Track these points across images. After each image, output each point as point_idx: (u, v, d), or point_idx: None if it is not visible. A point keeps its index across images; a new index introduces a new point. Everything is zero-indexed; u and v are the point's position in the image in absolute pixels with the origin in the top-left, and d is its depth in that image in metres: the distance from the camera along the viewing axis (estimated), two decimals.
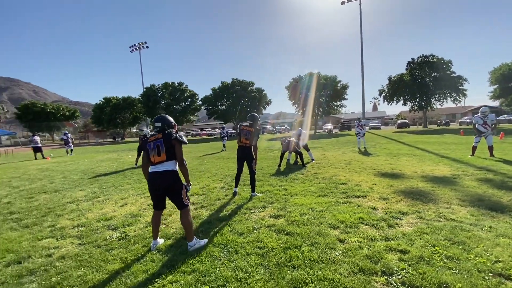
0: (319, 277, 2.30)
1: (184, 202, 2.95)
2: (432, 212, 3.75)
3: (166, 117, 3.08)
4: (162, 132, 2.96)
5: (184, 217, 2.95)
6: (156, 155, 2.89)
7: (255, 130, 5.02)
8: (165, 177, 2.86)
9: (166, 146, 2.88)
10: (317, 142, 19.21)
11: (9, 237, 3.54)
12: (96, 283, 2.40)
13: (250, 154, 5.02)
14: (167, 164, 2.89)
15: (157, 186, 2.88)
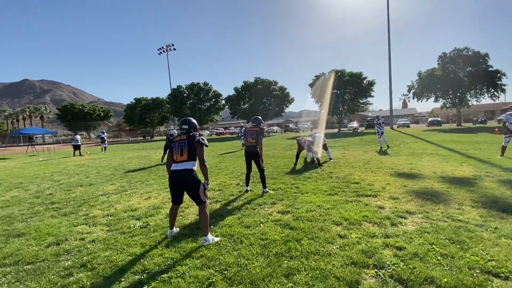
0: (312, 267, 2.49)
1: (201, 198, 3.20)
2: (440, 213, 3.73)
3: (192, 120, 3.40)
4: (187, 134, 3.27)
5: (201, 212, 3.20)
6: (179, 155, 3.21)
7: (259, 130, 5.33)
8: (183, 175, 3.16)
9: (189, 147, 3.18)
10: (339, 140, 18.90)
11: (50, 223, 4.13)
12: (119, 262, 2.80)
13: (256, 152, 5.28)
14: (187, 163, 3.18)
15: (175, 183, 3.21)
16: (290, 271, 2.44)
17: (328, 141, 17.61)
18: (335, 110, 37.60)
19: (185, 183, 3.20)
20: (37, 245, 3.37)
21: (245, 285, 2.26)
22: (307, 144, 8.41)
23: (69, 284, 2.45)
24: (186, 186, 3.23)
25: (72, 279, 2.54)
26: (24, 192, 6.55)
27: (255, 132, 5.36)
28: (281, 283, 2.27)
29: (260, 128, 5.41)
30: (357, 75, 34.10)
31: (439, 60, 32.90)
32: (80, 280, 2.49)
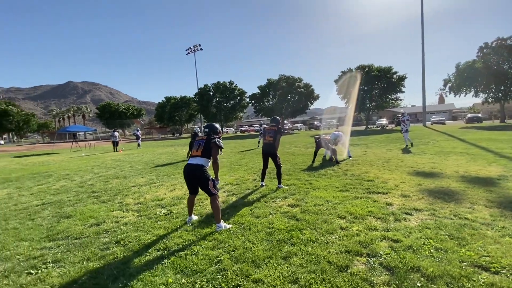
0: (309, 252, 2.76)
1: (211, 191, 3.56)
2: (448, 211, 3.76)
3: (214, 126, 3.92)
4: (208, 135, 3.76)
5: (212, 203, 3.59)
6: (195, 150, 3.69)
7: (278, 129, 5.61)
8: (194, 171, 3.57)
9: (205, 145, 3.64)
10: (364, 138, 18.45)
11: (91, 208, 4.84)
12: (146, 241, 3.31)
13: (273, 150, 5.56)
14: (199, 159, 3.61)
15: (187, 176, 3.64)
16: (289, 254, 2.75)
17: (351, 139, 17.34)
18: (362, 106, 36.39)
19: (195, 177, 3.60)
20: (82, 225, 4.03)
21: (247, 264, 2.61)
22: (324, 142, 8.51)
23: (107, 255, 3.00)
24: (196, 181, 3.62)
25: (109, 251, 3.09)
26: (70, 182, 7.53)
27: (273, 131, 5.66)
28: (279, 264, 2.59)
29: (278, 128, 5.69)
30: (386, 70, 32.65)
31: (479, 52, 30.25)
32: (115, 253, 3.03)
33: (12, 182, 8.04)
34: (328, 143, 8.53)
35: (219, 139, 3.72)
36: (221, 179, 6.84)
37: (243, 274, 2.43)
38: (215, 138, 3.69)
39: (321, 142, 8.59)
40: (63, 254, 3.10)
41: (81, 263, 2.86)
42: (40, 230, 3.87)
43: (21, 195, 6.20)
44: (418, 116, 47.84)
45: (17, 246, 3.38)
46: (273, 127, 5.75)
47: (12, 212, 4.85)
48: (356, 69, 35.40)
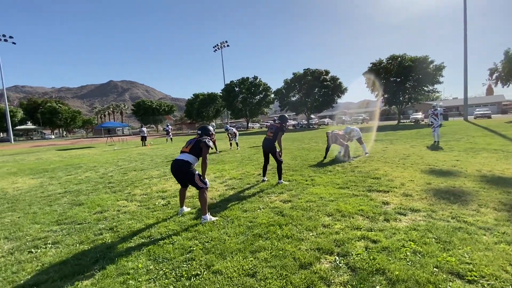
0: (279, 247, 2.75)
1: (199, 185, 3.71)
2: (448, 212, 3.45)
3: (206, 128, 4.14)
4: (200, 135, 4.00)
5: (200, 196, 3.73)
6: (185, 147, 3.91)
7: (280, 126, 5.56)
8: (179, 164, 3.74)
9: (195, 144, 3.85)
10: (391, 134, 17.40)
11: (102, 198, 5.28)
12: (135, 229, 3.54)
13: (272, 146, 5.53)
14: (187, 155, 3.79)
15: (174, 170, 3.80)
16: (258, 248, 2.77)
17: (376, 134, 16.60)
18: (394, 100, 34.15)
19: (181, 173, 3.75)
20: (88, 212, 4.43)
21: (215, 255, 2.69)
22: (335, 138, 8.22)
23: (97, 239, 3.28)
24: (183, 176, 3.77)
25: (101, 236, 3.37)
26: (95, 174, 8.25)
27: (275, 127, 5.63)
28: (244, 257, 2.62)
29: (281, 125, 5.64)
30: (422, 60, 30.13)
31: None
32: (105, 238, 3.30)
33: (48, 172, 9.02)
34: (340, 139, 8.22)
35: (209, 140, 3.89)
36: (228, 174, 6.99)
37: (207, 265, 2.52)
38: (206, 138, 3.87)
39: (332, 137, 8.31)
40: (63, 237, 3.46)
41: (75, 245, 3.17)
42: (53, 215, 4.34)
43: (50, 184, 6.96)
44: (460, 109, 43.56)
45: (30, 228, 3.84)
46: (276, 123, 5.71)
47: (37, 199, 5.48)
48: (387, 60, 33.20)
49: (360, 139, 8.94)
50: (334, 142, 8.31)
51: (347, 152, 8.15)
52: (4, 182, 7.61)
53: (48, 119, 64.83)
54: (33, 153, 18.52)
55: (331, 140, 8.36)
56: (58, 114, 65.51)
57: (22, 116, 63.53)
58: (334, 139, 8.27)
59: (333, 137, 8.27)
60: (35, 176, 8.36)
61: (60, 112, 66.13)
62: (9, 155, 18.48)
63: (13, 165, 11.89)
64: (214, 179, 6.47)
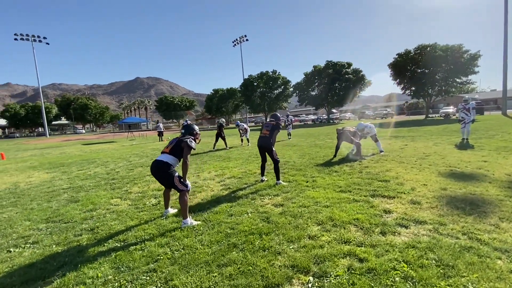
0: (250, 262, 2.46)
1: (179, 188, 3.51)
2: (459, 227, 2.94)
3: (190, 127, 3.92)
4: (183, 135, 3.77)
5: (180, 199, 3.52)
6: (166, 147, 3.72)
7: (276, 124, 5.33)
8: (157, 166, 3.54)
9: (176, 144, 3.63)
10: (415, 129, 16.18)
11: (99, 195, 5.30)
12: (115, 231, 3.43)
13: (269, 145, 5.22)
14: (167, 156, 3.59)
15: (152, 172, 3.61)
16: (227, 262, 2.50)
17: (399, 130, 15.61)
18: (422, 92, 31.89)
19: (160, 175, 3.55)
20: (80, 210, 4.43)
21: (180, 267, 2.47)
22: (346, 135, 7.66)
23: (74, 241, 3.21)
24: (162, 178, 3.57)
25: (79, 238, 3.30)
26: (104, 169, 8.43)
27: (271, 125, 5.40)
28: (209, 271, 2.37)
29: (277, 123, 5.39)
30: (455, 49, 27.68)
31: None
32: (81, 240, 3.22)
33: (64, 167, 9.41)
34: (351, 136, 7.65)
35: (191, 140, 3.64)
36: (229, 172, 6.78)
37: (166, 279, 2.30)
38: (189, 138, 3.63)
39: (343, 135, 7.76)
40: (45, 236, 3.44)
41: (50, 246, 3.12)
42: (46, 212, 4.39)
43: (60, 179, 7.19)
44: (499, 103, 39.64)
45: (20, 225, 3.89)
46: (271, 121, 5.43)
47: (41, 194, 5.64)
48: (415, 50, 30.95)
49: (375, 136, 8.28)
50: (345, 140, 7.76)
51: (359, 151, 7.58)
52: (21, 176, 8.02)
53: (79, 115, 69.15)
54: (60, 147, 19.69)
55: (341, 138, 7.82)
56: (88, 110, 69.58)
57: (56, 112, 68.33)
58: (344, 136, 7.72)
59: (343, 134, 7.72)
60: (50, 170, 8.74)
61: (90, 108, 70.17)
62: (40, 148, 19.82)
63: (37, 159, 12.64)
64: (213, 177, 6.29)
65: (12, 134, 62.83)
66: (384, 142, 10.74)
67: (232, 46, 58.00)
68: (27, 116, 62.56)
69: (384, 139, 11.86)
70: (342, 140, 7.82)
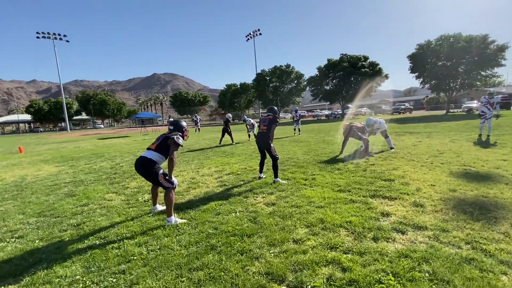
0: (223, 267, 2.29)
1: (164, 185, 3.40)
2: (463, 234, 2.62)
3: (179, 123, 3.75)
4: (170, 131, 3.62)
5: (165, 196, 3.40)
6: (152, 143, 3.60)
7: (273, 118, 5.11)
8: (142, 162, 3.43)
9: (162, 141, 3.50)
10: (433, 125, 15.31)
11: (95, 189, 5.32)
12: (98, 227, 3.37)
13: (267, 141, 5.02)
14: (152, 153, 3.47)
15: (137, 169, 3.50)
16: (201, 266, 2.34)
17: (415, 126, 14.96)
18: (444, 86, 30.21)
19: (144, 172, 3.44)
20: (73, 204, 4.44)
21: (150, 269, 2.34)
22: (353, 131, 7.28)
23: (57, 237, 3.18)
24: (146, 175, 3.45)
25: (62, 234, 3.27)
26: (110, 163, 8.55)
27: (267, 120, 5.19)
28: (179, 275, 2.22)
29: (274, 117, 5.16)
30: (479, 39, 25.86)
31: None
32: (64, 236, 3.19)
33: (73, 160, 9.66)
34: (358, 133, 7.26)
35: (178, 137, 3.50)
36: (229, 168, 6.64)
37: (132, 282, 2.18)
38: (176, 135, 3.50)
39: (350, 131, 7.38)
40: (32, 231, 3.44)
41: (33, 242, 3.10)
42: (40, 206, 4.44)
43: (65, 173, 7.35)
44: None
45: (13, 218, 3.94)
46: (268, 116, 5.21)
47: (43, 188, 5.75)
48: (436, 41, 29.25)
49: (385, 132, 7.83)
50: (352, 136, 7.38)
51: (367, 148, 7.19)
52: (31, 169, 8.29)
53: (98, 110, 71.65)
54: (76, 142, 20.41)
55: (348, 134, 7.44)
56: (106, 105, 71.91)
57: (77, 108, 71.15)
58: (351, 132, 7.34)
59: (350, 130, 7.34)
60: (60, 164, 8.98)
61: (108, 103, 72.50)
62: (57, 142, 20.65)
63: (52, 153, 13.11)
64: (212, 174, 6.16)
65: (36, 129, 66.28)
66: (396, 139, 10.22)
67: (246, 40, 57.64)
68: (50, 111, 65.63)
69: (397, 135, 11.27)
70: (349, 136, 7.45)
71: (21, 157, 11.60)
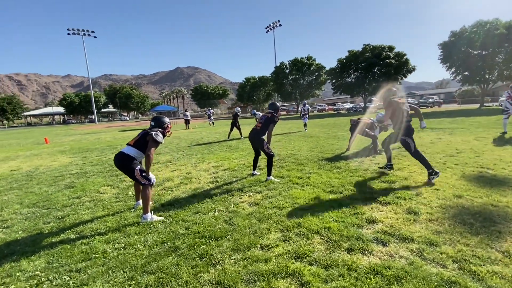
0: (176, 272, 2.17)
1: (140, 181, 3.35)
2: (453, 251, 2.27)
3: (161, 119, 3.64)
4: (150, 127, 3.54)
5: (143, 192, 3.36)
6: (132, 139, 3.56)
7: (271, 116, 4.90)
8: (120, 157, 3.40)
9: (141, 137, 3.44)
10: (460, 121, 14.10)
11: (93, 182, 5.46)
12: (80, 221, 3.41)
13: (258, 138, 4.82)
14: (131, 149, 3.43)
15: (115, 164, 3.46)
16: (155, 269, 2.24)
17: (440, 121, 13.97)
18: (478, 78, 27.70)
19: (122, 167, 3.40)
20: (68, 196, 4.57)
21: (106, 268, 2.29)
22: (360, 127, 6.82)
23: (38, 229, 3.25)
24: (124, 171, 3.42)
25: (44, 226, 3.35)
26: None
27: (265, 118, 4.99)
28: (128, 278, 2.14)
29: (272, 115, 4.92)
30: None
31: None
32: (44, 228, 3.26)
33: (87, 152, 10.10)
34: (365, 129, 6.79)
35: (157, 134, 3.38)
36: (227, 163, 6.52)
37: (82, 282, 2.13)
38: (155, 131, 3.40)
39: (357, 127, 6.93)
40: (20, 221, 3.57)
41: (17, 233, 3.21)
42: (38, 197, 4.62)
43: (76, 164, 7.67)
44: None
45: (10, 208, 4.13)
46: (267, 114, 4.99)
47: (49, 178, 6.02)
48: (472, 27, 26.72)
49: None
50: (359, 132, 6.92)
51: (376, 145, 6.72)
52: (47, 160, 8.78)
53: (124, 103, 74.93)
54: (99, 133, 21.45)
55: (355, 130, 7.00)
56: (131, 99, 74.96)
57: (105, 101, 74.89)
58: (358, 128, 6.89)
59: (357, 126, 6.89)
60: (74, 155, 9.43)
61: (133, 96, 75.51)
62: (82, 134, 21.86)
63: (72, 144, 13.85)
64: (209, 169, 6.09)
65: (68, 120, 70.96)
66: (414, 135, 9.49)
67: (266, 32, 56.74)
68: (80, 104, 69.79)
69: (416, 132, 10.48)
70: (356, 133, 7.00)
71: (44, 148, 12.38)
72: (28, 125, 71.79)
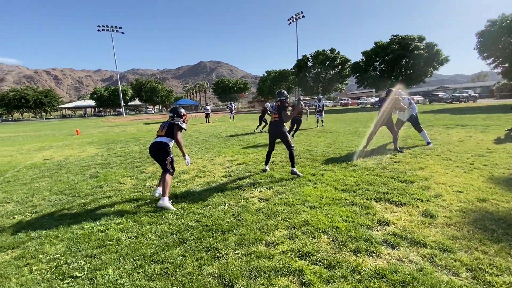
0: (181, 263, 2.25)
1: (167, 167, 3.77)
2: (469, 258, 2.13)
3: (178, 109, 4.06)
4: (171, 118, 3.97)
5: (163, 178, 3.73)
6: (160, 131, 3.95)
7: (280, 105, 4.89)
8: (156, 146, 3.80)
9: (168, 127, 3.89)
10: (495, 118, 13.01)
11: (115, 172, 5.76)
12: (96, 207, 3.64)
13: (281, 130, 4.82)
14: (163, 138, 3.86)
15: (151, 153, 3.86)
16: (162, 259, 2.34)
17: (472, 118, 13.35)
18: None
19: (157, 153, 3.81)
20: (91, 185, 4.88)
21: (118, 255, 2.42)
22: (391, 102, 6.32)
23: (64, 215, 3.51)
24: (158, 156, 3.82)
25: (70, 212, 3.61)
26: (141, 147, 9.20)
27: (276, 108, 5.01)
28: (136, 266, 2.25)
29: (281, 103, 4.89)
30: None
31: None
32: (70, 214, 3.52)
33: (113, 143, 10.66)
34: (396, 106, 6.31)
35: (182, 122, 3.88)
36: (242, 158, 6.57)
37: (95, 267, 2.28)
38: (178, 120, 3.86)
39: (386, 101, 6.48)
40: (47, 207, 3.86)
41: (44, 217, 3.48)
42: (65, 185, 4.98)
43: (101, 155, 8.14)
44: None
45: (40, 194, 4.49)
46: (277, 103, 4.97)
47: (76, 168, 6.45)
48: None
49: (416, 119, 6.80)
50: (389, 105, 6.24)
51: (396, 142, 6.40)
52: (77, 150, 9.40)
53: (149, 97, 77.79)
54: (125, 126, 22.52)
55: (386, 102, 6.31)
56: (156, 92, 77.60)
57: (132, 94, 78.24)
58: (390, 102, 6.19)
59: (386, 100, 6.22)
60: (100, 147, 10.00)
61: (158, 90, 78.11)
62: (110, 126, 23.08)
63: (100, 135, 14.68)
64: (224, 163, 6.18)
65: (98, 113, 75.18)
66: (442, 132, 8.96)
67: (288, 24, 55.67)
68: (109, 97, 73.57)
69: (445, 128, 9.86)
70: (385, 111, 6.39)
71: (75, 139, 13.26)
72: (63, 117, 77.22)
